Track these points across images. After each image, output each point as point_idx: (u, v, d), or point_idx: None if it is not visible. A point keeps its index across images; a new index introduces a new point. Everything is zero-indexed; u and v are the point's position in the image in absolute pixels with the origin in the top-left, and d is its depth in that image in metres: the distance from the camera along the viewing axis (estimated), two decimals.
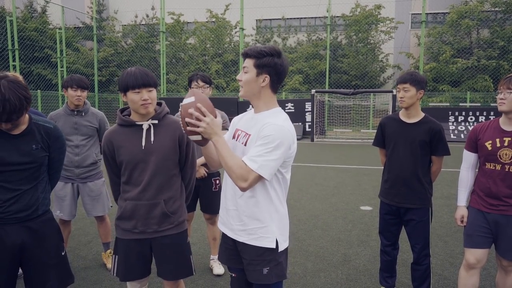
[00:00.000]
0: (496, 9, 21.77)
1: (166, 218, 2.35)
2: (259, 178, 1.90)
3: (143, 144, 2.28)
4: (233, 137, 2.15)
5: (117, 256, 2.41)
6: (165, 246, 2.38)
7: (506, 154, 2.58)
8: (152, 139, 2.29)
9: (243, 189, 1.91)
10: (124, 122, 2.32)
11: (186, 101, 1.93)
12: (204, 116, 1.89)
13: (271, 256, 2.06)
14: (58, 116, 3.61)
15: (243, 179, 1.87)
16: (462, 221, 2.86)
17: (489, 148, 2.64)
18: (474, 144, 2.77)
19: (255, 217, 2.03)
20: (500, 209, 2.63)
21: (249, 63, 2.00)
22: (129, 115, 2.37)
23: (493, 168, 2.64)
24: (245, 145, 2.03)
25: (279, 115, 2.03)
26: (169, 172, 2.35)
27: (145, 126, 2.29)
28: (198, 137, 1.93)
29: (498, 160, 2.61)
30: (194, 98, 1.91)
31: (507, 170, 2.59)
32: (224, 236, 2.23)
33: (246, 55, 2.02)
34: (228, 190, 2.13)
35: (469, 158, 2.84)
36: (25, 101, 2.03)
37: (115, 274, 2.41)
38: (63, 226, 3.74)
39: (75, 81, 3.53)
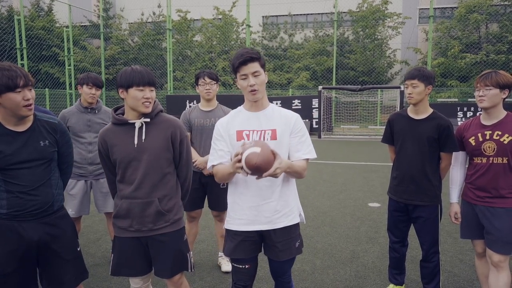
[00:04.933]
0: (506, 3, 21.49)
1: (161, 216, 2.33)
2: None
3: (136, 142, 2.27)
4: (240, 139, 2.22)
5: (113, 255, 2.40)
6: (161, 244, 2.35)
7: (489, 147, 2.72)
8: (143, 137, 2.28)
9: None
10: (117, 120, 2.31)
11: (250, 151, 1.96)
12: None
13: (298, 229, 2.36)
14: (71, 113, 3.64)
15: (305, 171, 2.25)
16: (456, 218, 2.99)
17: (473, 144, 2.79)
18: (460, 143, 2.92)
19: (290, 199, 2.31)
20: (487, 201, 2.75)
21: (257, 66, 2.15)
22: (123, 114, 2.36)
23: (480, 161, 2.78)
24: (275, 139, 2.21)
25: (281, 108, 2.34)
26: (162, 170, 2.33)
27: (137, 125, 2.28)
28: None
29: (483, 153, 2.75)
30: (260, 149, 1.96)
31: (491, 162, 2.72)
32: (243, 233, 2.29)
33: (251, 60, 2.13)
34: (252, 188, 2.23)
35: (457, 156, 2.99)
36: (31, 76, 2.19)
37: (110, 273, 2.39)
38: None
39: (91, 79, 3.59)
